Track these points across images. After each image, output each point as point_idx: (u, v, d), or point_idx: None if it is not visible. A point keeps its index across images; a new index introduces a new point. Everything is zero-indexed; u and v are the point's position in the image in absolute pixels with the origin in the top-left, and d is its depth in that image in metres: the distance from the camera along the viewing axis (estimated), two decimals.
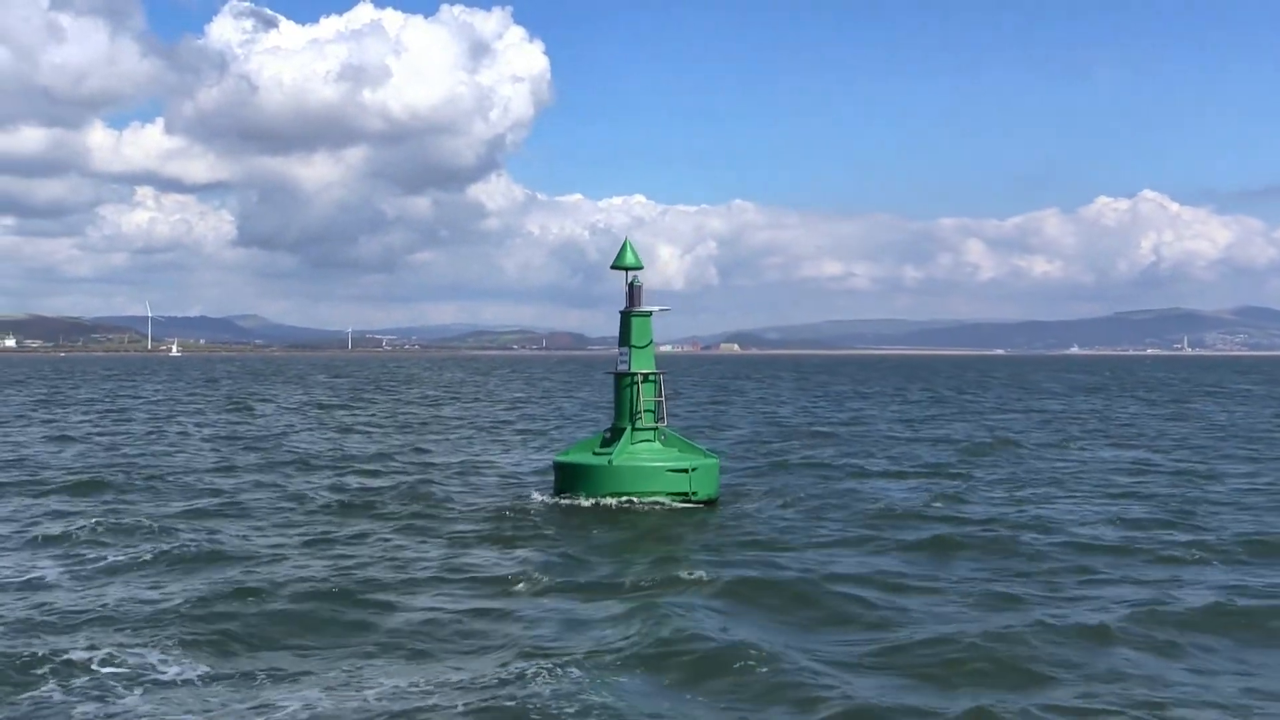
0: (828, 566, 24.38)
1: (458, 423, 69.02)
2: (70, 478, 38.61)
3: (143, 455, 47.29)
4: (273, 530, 28.79)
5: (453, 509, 32.20)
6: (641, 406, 32.38)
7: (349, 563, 24.50)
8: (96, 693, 15.55)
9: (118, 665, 16.66)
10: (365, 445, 53.37)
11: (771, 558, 25.31)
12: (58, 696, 15.44)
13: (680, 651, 17.64)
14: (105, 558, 24.68)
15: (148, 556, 24.67)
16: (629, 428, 32.28)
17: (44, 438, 56.61)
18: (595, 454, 32.72)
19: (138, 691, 15.65)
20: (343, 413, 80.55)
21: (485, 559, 25.25)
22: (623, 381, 32.75)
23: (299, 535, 28.02)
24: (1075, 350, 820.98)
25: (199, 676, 16.32)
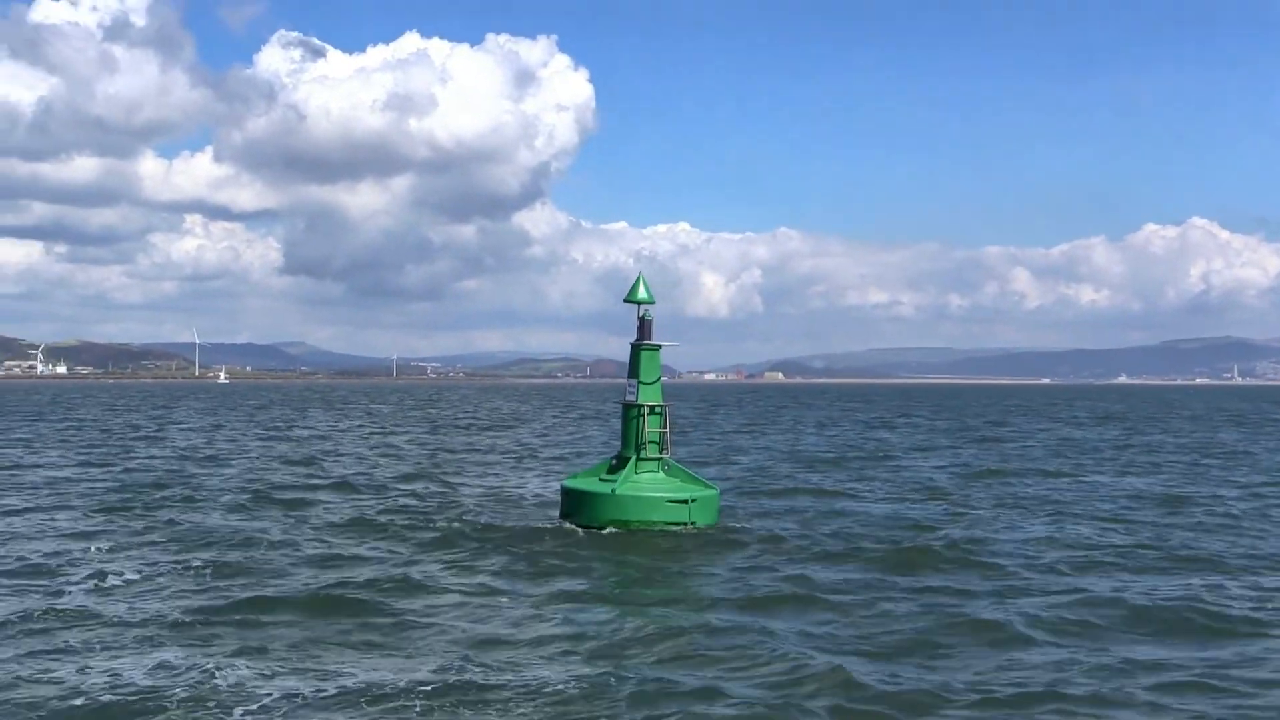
0: (798, 576, 26.47)
1: (485, 449, 71.25)
2: (108, 497, 41.19)
3: (178, 475, 49.76)
4: (289, 544, 30.86)
5: (462, 528, 34.10)
6: (646, 437, 33.83)
7: (352, 573, 26.58)
8: (107, 681, 17.77)
9: (123, 658, 19.01)
10: (394, 467, 55.67)
11: (747, 568, 27.48)
12: (71, 680, 17.79)
13: (640, 648, 19.80)
14: (125, 573, 27.04)
15: (163, 574, 27.06)
16: (634, 457, 33.71)
17: (83, 462, 59.30)
18: (601, 480, 34.22)
19: (136, 673, 17.91)
20: (377, 437, 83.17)
21: (480, 573, 27.21)
22: (630, 412, 34.00)
23: (313, 549, 30.17)
24: (1123, 379, 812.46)
25: (194, 666, 18.40)
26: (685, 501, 33.02)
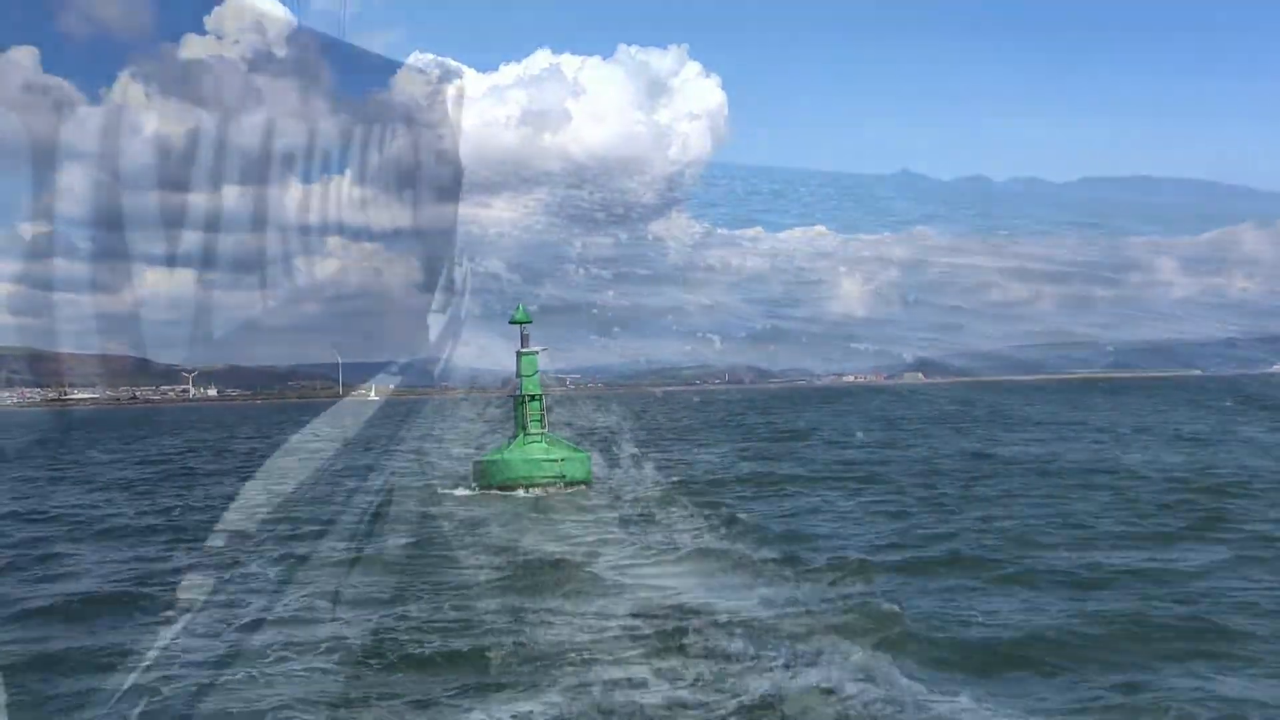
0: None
1: None
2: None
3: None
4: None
5: (406, 493, 44.33)
6: (529, 418, 43.77)
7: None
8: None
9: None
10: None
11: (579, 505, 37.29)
12: None
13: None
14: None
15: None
16: (522, 433, 43.77)
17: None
18: (500, 453, 44.52)
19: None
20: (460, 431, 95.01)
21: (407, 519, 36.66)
22: (517, 401, 44.34)
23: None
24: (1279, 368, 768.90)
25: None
26: (557, 461, 42.84)
